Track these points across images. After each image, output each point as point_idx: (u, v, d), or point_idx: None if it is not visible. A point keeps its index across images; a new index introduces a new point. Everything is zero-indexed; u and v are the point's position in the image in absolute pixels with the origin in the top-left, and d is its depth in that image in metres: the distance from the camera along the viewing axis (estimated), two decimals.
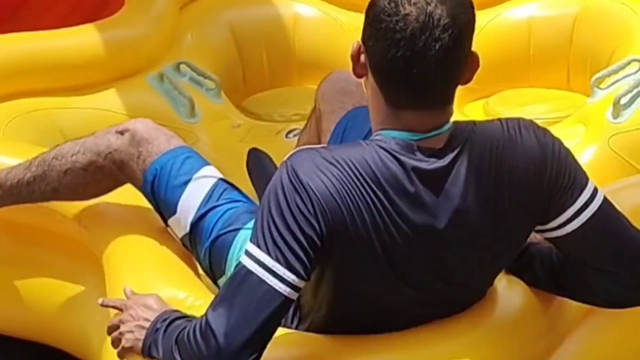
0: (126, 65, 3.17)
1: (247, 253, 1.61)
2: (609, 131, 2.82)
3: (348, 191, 1.60)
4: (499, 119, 1.75)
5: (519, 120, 1.75)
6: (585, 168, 2.73)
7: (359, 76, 1.70)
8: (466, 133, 1.69)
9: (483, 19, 3.55)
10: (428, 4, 1.59)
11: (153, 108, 3.13)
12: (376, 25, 1.62)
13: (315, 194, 1.59)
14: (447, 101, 1.70)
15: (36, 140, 2.76)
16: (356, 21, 3.59)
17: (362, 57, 1.68)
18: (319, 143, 2.41)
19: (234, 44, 3.63)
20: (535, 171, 1.70)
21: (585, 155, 2.83)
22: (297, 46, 3.70)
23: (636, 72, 2.89)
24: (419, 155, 1.64)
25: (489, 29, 3.55)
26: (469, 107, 3.54)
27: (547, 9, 3.56)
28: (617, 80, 2.98)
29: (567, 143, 2.83)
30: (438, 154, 1.65)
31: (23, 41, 3.07)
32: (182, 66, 3.28)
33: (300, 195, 1.58)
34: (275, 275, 1.57)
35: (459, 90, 3.58)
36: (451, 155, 1.66)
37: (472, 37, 1.67)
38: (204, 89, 3.29)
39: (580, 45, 3.46)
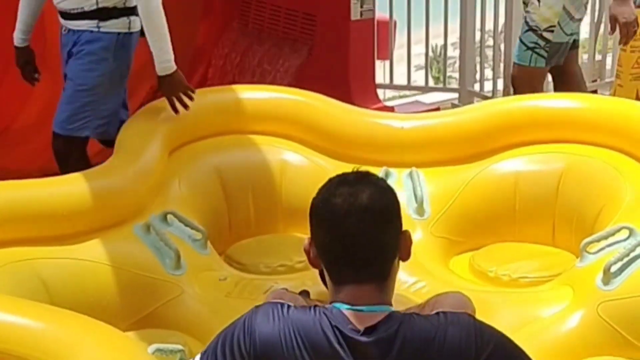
0: (112, 215, 3.13)
1: None
2: (599, 298, 2.80)
3: (284, 346, 1.87)
4: (438, 314, 1.93)
5: (458, 317, 1.92)
6: (572, 334, 2.79)
7: (315, 267, 2.01)
8: (397, 323, 1.87)
9: (470, 172, 3.62)
10: (351, 194, 1.90)
11: (139, 259, 3.09)
12: (315, 219, 1.96)
13: (256, 339, 1.88)
14: (382, 277, 1.93)
15: (17, 292, 2.69)
16: (342, 169, 3.62)
17: (312, 249, 1.98)
18: None
19: (221, 190, 3.63)
20: None
21: (572, 321, 2.83)
22: (284, 193, 3.70)
23: (626, 239, 2.89)
24: (352, 328, 1.86)
25: (475, 182, 3.61)
26: (454, 260, 3.53)
27: (533, 165, 3.60)
28: (607, 246, 2.98)
29: (555, 306, 2.91)
30: (369, 331, 1.86)
31: (6, 189, 3.02)
32: (169, 216, 3.25)
33: (244, 336, 1.89)
34: None
35: (445, 242, 3.63)
36: (381, 336, 1.85)
37: (398, 218, 1.96)
38: (190, 239, 3.26)
39: (565, 202, 3.49)
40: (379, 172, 3.61)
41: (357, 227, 1.88)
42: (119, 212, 3.16)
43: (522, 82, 4.44)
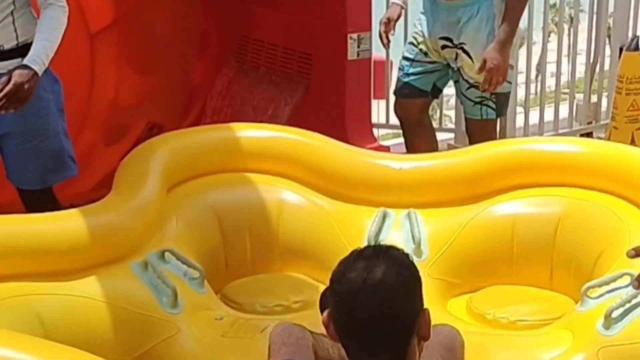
0: (110, 251, 3.11)
1: None
2: (599, 343, 2.79)
3: None
4: None
5: None
6: None
7: (335, 340, 1.96)
8: None
9: (468, 214, 3.61)
10: (366, 268, 1.87)
11: (135, 296, 3.06)
12: (332, 294, 1.93)
13: None
14: (400, 355, 1.89)
15: (13, 327, 2.66)
16: (340, 209, 3.66)
17: (330, 323, 1.95)
18: None
19: (218, 229, 3.62)
20: None
21: None
22: (281, 232, 3.68)
23: (628, 285, 2.88)
24: None
25: (473, 224, 3.60)
26: (452, 303, 3.51)
27: (531, 207, 3.59)
28: (609, 292, 2.98)
29: (554, 350, 2.90)
30: None
31: (3, 224, 2.99)
32: (167, 254, 3.24)
33: None
34: None
35: (442, 284, 3.62)
36: None
37: (414, 295, 1.94)
38: (187, 277, 3.25)
39: (563, 246, 3.48)
40: (376, 212, 3.62)
41: (369, 304, 1.85)
42: (116, 248, 3.14)
43: (476, 135, 4.38)
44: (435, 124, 4.90)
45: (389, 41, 4.46)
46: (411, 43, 4.47)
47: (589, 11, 6.08)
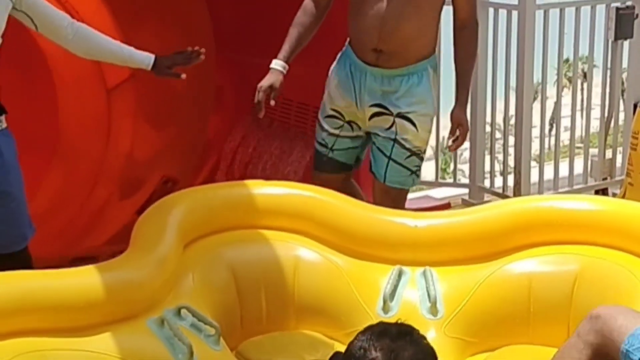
0: (127, 308, 3.11)
1: None
2: None
3: None
4: None
5: None
6: None
7: None
8: None
9: (484, 272, 3.60)
10: (392, 350, 1.85)
11: (151, 353, 3.05)
12: None
13: None
14: None
15: None
16: (356, 267, 3.66)
17: None
18: None
19: (234, 286, 3.61)
20: None
21: None
22: (297, 290, 3.67)
23: None
24: None
25: (489, 282, 3.58)
26: None
27: (547, 266, 3.58)
28: None
29: None
30: None
31: (22, 280, 3.01)
32: (183, 311, 3.23)
33: None
34: None
35: (458, 343, 3.59)
36: None
37: None
38: (203, 334, 3.23)
39: (580, 304, 3.45)
40: (392, 270, 3.61)
41: None
42: (133, 305, 3.13)
43: (395, 203, 4.24)
44: (449, 179, 4.92)
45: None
46: (334, 117, 4.31)
47: (602, 66, 6.10)
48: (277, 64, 4.26)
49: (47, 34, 3.58)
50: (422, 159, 4.24)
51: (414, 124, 4.15)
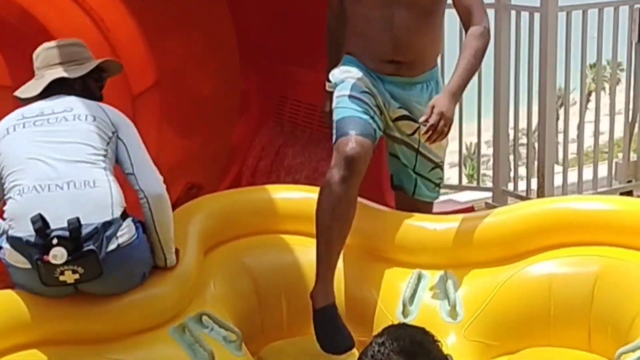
0: (149, 319, 3.17)
1: None
2: None
3: None
4: None
5: None
6: None
7: None
8: None
9: (503, 274, 3.60)
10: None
11: None
12: None
13: None
14: None
15: None
16: (375, 271, 3.66)
17: None
18: None
19: (254, 291, 3.65)
20: None
21: None
22: None
23: None
24: None
25: (509, 285, 3.58)
26: None
27: (568, 267, 3.57)
28: None
29: None
30: None
31: None
32: (205, 317, 3.27)
33: None
34: None
35: (478, 346, 3.58)
36: None
37: None
38: (225, 341, 3.27)
39: (601, 306, 3.44)
40: (411, 274, 3.62)
41: None
42: (156, 316, 3.19)
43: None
44: (473, 182, 4.88)
45: None
46: (369, 94, 3.84)
47: (626, 69, 6.07)
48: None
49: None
50: (443, 171, 4.15)
51: None
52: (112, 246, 3.00)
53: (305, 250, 3.74)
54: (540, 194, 5.59)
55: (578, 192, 5.82)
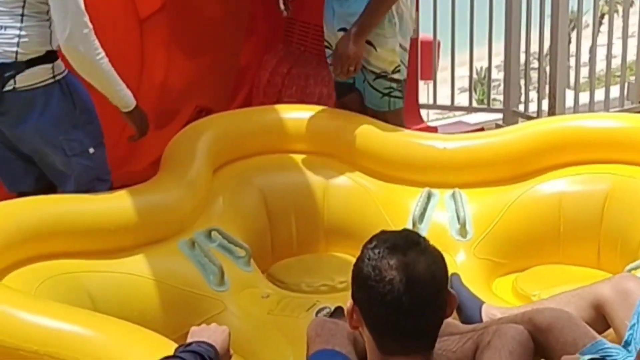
0: (158, 230, 3.17)
1: None
2: None
3: None
4: None
5: None
6: None
7: (355, 328, 1.95)
8: None
9: (513, 193, 3.60)
10: (407, 265, 1.82)
11: (183, 274, 3.12)
12: (366, 291, 1.86)
13: None
14: (431, 347, 1.91)
15: (64, 303, 2.71)
16: (386, 191, 3.67)
17: (356, 314, 1.91)
18: None
19: (264, 210, 3.66)
20: None
21: None
22: (326, 213, 3.71)
23: None
24: None
25: (519, 203, 3.58)
26: (497, 282, 3.50)
27: (578, 185, 3.57)
28: None
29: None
30: None
31: (57, 204, 3.08)
32: (214, 233, 3.28)
33: None
34: None
35: (488, 264, 3.59)
36: None
37: (447, 283, 1.93)
38: (233, 256, 3.29)
39: (611, 223, 3.45)
40: (421, 192, 3.62)
41: (415, 302, 1.82)
42: (164, 227, 3.19)
43: None
44: (484, 104, 4.84)
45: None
46: (328, 47, 4.15)
47: None
48: None
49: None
50: (394, 81, 4.03)
51: (373, 45, 3.98)
52: (8, 87, 3.17)
53: (315, 170, 3.75)
54: (552, 114, 5.54)
55: (590, 112, 5.77)
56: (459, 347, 2.48)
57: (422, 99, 5.89)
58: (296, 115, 3.89)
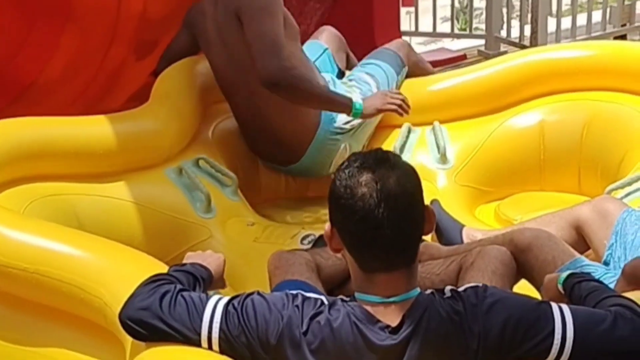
0: (146, 156, 3.18)
1: None
2: None
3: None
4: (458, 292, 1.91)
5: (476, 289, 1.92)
6: None
7: (336, 251, 1.94)
8: (425, 305, 1.87)
9: (494, 123, 3.65)
10: (376, 181, 1.82)
11: (170, 201, 3.15)
12: (340, 210, 1.86)
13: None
14: (412, 260, 1.90)
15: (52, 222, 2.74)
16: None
17: (334, 236, 1.91)
18: None
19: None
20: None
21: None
22: None
23: None
24: (377, 329, 1.85)
25: (500, 132, 3.63)
26: (480, 209, 3.56)
27: (558, 113, 3.60)
28: (631, 193, 3.00)
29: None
30: (394, 330, 1.85)
31: (48, 126, 3.05)
32: (201, 161, 3.30)
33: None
34: None
35: (470, 191, 3.62)
36: (404, 334, 1.84)
37: (422, 196, 1.91)
38: (221, 184, 3.31)
39: (590, 149, 3.50)
40: (401, 128, 3.66)
41: (389, 216, 1.81)
42: (152, 153, 3.20)
43: None
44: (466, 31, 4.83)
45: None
46: None
47: None
48: None
49: None
50: None
51: None
52: None
53: None
54: (534, 39, 5.54)
55: (572, 37, 5.75)
56: (442, 270, 2.53)
57: (404, 26, 5.86)
58: None
